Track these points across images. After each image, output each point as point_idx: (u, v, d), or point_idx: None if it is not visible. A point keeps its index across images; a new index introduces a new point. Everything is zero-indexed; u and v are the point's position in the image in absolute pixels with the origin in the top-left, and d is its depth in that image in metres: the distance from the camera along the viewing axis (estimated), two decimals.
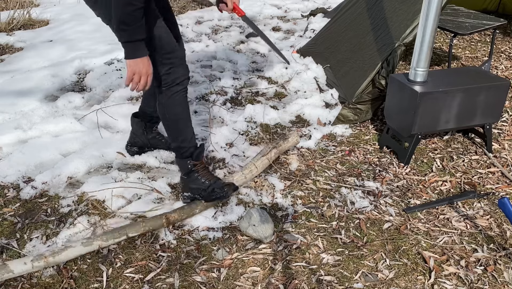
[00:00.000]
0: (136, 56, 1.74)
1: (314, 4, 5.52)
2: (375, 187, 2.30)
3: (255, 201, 2.21)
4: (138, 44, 1.73)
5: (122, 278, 1.79)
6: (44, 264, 1.76)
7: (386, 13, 3.00)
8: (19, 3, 5.38)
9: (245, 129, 2.81)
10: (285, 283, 1.76)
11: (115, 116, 2.87)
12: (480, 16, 3.38)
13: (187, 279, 1.78)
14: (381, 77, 2.75)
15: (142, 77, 1.77)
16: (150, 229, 1.96)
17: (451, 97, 2.33)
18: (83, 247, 1.83)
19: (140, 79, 1.78)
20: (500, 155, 2.54)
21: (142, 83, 1.79)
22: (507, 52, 3.94)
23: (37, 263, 1.75)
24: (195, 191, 2.10)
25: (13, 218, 2.10)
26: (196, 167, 2.10)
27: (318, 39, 3.55)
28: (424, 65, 2.30)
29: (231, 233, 2.01)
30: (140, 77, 1.77)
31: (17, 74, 3.54)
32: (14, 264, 1.74)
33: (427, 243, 1.95)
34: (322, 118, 2.89)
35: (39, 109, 2.99)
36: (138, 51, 1.74)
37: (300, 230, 2.03)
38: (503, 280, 1.76)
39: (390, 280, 1.77)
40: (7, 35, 4.53)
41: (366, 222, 2.07)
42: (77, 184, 2.31)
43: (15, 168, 2.39)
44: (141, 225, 1.94)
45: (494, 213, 2.11)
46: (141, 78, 1.77)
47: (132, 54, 1.74)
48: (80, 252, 1.84)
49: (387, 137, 2.60)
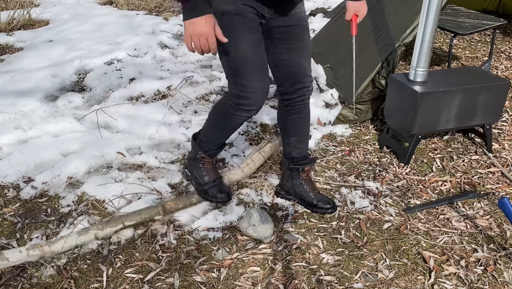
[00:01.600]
0: (191, 16, 1.52)
1: (314, 4, 5.52)
2: (375, 187, 2.30)
3: (255, 201, 2.21)
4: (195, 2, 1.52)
5: (122, 278, 1.79)
6: (40, 252, 1.76)
7: (386, 13, 3.00)
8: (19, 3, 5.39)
9: (245, 129, 2.81)
10: (285, 283, 1.76)
11: (115, 116, 2.88)
12: (480, 16, 3.38)
13: (187, 279, 1.78)
14: (381, 77, 2.75)
15: (200, 39, 1.54)
16: (146, 218, 1.97)
17: (451, 97, 2.33)
18: (78, 236, 1.84)
19: (200, 42, 1.55)
20: (500, 155, 2.54)
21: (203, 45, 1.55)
22: (507, 52, 3.94)
23: (33, 251, 1.75)
24: (193, 178, 2.09)
25: (13, 218, 2.10)
26: (204, 160, 2.09)
27: (318, 39, 3.55)
28: (424, 65, 2.30)
29: (231, 233, 2.01)
30: (199, 40, 1.54)
31: (17, 74, 3.54)
32: (10, 252, 1.76)
33: (427, 243, 1.95)
34: (322, 118, 2.89)
35: (39, 109, 2.99)
36: (194, 11, 1.52)
37: (300, 230, 2.03)
38: (503, 280, 1.76)
39: (390, 280, 1.77)
40: (7, 35, 4.53)
41: (366, 222, 2.07)
42: (77, 184, 2.32)
43: (15, 168, 2.39)
44: (137, 214, 1.95)
45: (494, 213, 2.11)
46: (199, 40, 1.54)
47: (187, 15, 1.53)
48: (76, 242, 1.84)
49: (387, 137, 2.60)
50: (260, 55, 1.75)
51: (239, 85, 1.75)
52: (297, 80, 1.90)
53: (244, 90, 1.75)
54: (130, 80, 3.43)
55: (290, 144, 2.08)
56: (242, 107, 1.79)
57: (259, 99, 1.78)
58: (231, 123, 1.90)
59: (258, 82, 1.75)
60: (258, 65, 1.74)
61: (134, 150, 2.60)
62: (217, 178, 2.09)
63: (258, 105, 1.81)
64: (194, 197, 2.08)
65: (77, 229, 1.83)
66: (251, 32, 1.70)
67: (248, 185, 2.30)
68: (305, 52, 1.87)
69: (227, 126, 1.93)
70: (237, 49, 1.69)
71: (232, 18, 1.66)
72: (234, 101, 1.79)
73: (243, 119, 1.86)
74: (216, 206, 2.16)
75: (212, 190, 2.06)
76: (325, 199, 2.13)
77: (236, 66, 1.73)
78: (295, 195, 2.16)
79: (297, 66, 1.86)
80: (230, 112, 1.84)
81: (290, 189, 2.17)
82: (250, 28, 1.70)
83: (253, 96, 1.76)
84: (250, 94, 1.75)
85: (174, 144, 2.67)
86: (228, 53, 1.70)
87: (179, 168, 2.44)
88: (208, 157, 2.08)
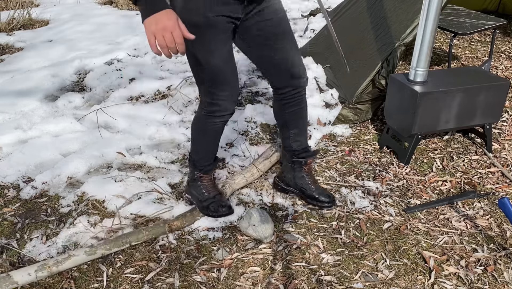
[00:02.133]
0: (150, 13, 1.41)
1: (314, 4, 5.52)
2: (375, 187, 2.30)
3: (255, 201, 2.21)
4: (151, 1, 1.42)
5: (122, 278, 1.79)
6: (48, 273, 1.76)
7: (386, 13, 3.00)
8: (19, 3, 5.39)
9: (245, 129, 2.81)
10: (285, 283, 1.76)
11: (115, 116, 2.88)
12: (480, 16, 3.38)
13: (187, 279, 1.78)
14: (381, 77, 2.75)
15: (165, 35, 1.41)
16: (153, 237, 1.97)
17: (451, 97, 2.33)
18: (86, 256, 1.83)
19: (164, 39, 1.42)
20: (500, 155, 2.54)
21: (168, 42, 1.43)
22: (507, 52, 3.94)
23: (41, 273, 1.75)
24: (194, 197, 2.11)
25: (13, 218, 2.10)
26: (201, 178, 2.10)
27: (318, 39, 3.55)
28: (424, 65, 2.30)
29: (231, 233, 2.01)
30: (163, 36, 1.42)
31: (17, 74, 3.54)
32: (18, 275, 1.73)
33: (427, 243, 1.95)
34: (322, 118, 2.89)
35: (39, 109, 2.99)
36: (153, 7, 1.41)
37: (300, 230, 2.03)
38: (503, 280, 1.76)
39: (390, 280, 1.77)
40: (7, 35, 4.53)
41: (366, 222, 2.07)
42: (77, 184, 2.32)
43: (15, 168, 2.40)
44: (144, 233, 1.94)
45: (494, 213, 2.11)
46: (163, 37, 1.42)
47: (146, 13, 1.42)
48: (83, 261, 1.84)
49: (387, 137, 2.60)
50: (230, 65, 1.77)
51: (210, 93, 1.79)
52: (286, 74, 1.89)
53: (216, 98, 1.80)
54: (130, 80, 3.43)
55: (289, 137, 2.09)
56: (215, 114, 1.84)
57: (230, 104, 1.83)
58: (210, 132, 1.94)
59: (229, 90, 1.79)
60: (228, 75, 1.77)
61: (134, 150, 2.60)
62: (217, 194, 2.09)
63: (230, 110, 1.86)
64: (200, 215, 2.08)
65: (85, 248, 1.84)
66: (223, 43, 1.70)
67: (248, 185, 2.30)
68: (288, 43, 1.83)
69: (208, 136, 1.96)
70: (208, 61, 1.69)
71: (203, 30, 1.63)
72: (207, 109, 1.84)
73: (219, 126, 1.91)
74: None
75: (213, 205, 2.06)
76: (325, 193, 2.15)
77: (207, 78, 1.75)
78: (296, 187, 2.17)
79: (283, 59, 1.84)
80: (205, 121, 1.88)
81: (291, 181, 2.18)
82: (222, 39, 1.69)
83: (224, 104, 1.81)
84: (221, 102, 1.81)
85: (174, 144, 2.67)
86: (200, 65, 1.71)
87: (179, 168, 2.44)
88: (204, 175, 2.09)
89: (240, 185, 2.24)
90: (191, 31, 1.50)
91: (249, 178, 2.28)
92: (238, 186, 2.24)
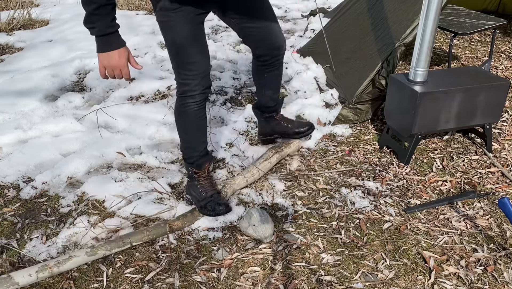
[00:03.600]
0: (104, 50, 1.66)
1: (314, 4, 5.52)
2: (375, 187, 2.30)
3: (255, 201, 2.21)
4: (107, 38, 1.65)
5: (122, 278, 1.79)
6: (49, 274, 1.76)
7: (386, 13, 3.00)
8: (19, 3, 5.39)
9: (245, 129, 2.81)
10: (285, 283, 1.76)
11: (115, 116, 2.88)
12: (480, 16, 3.38)
13: (187, 279, 1.78)
14: (381, 77, 2.75)
15: (114, 71, 1.69)
16: (154, 237, 1.97)
17: (451, 97, 2.33)
18: (87, 256, 1.83)
19: (113, 73, 1.70)
20: (500, 155, 2.54)
21: (116, 76, 1.71)
22: (507, 52, 3.94)
23: (42, 274, 1.75)
24: (193, 197, 2.13)
25: (13, 218, 2.10)
26: (197, 175, 2.11)
27: (318, 39, 3.55)
28: (424, 65, 2.30)
29: (231, 233, 2.01)
30: (112, 71, 1.69)
31: (17, 74, 3.54)
32: (19, 276, 1.73)
33: (427, 243, 1.95)
34: (322, 118, 2.89)
35: (39, 109, 2.99)
36: (107, 45, 1.66)
37: (300, 230, 2.03)
38: (503, 280, 1.76)
39: (390, 280, 1.77)
40: (7, 35, 4.53)
41: (366, 222, 2.07)
42: (77, 184, 2.32)
43: (15, 168, 2.40)
44: (145, 233, 1.95)
45: (494, 213, 2.11)
46: (113, 71, 1.69)
47: (101, 48, 1.67)
48: (84, 261, 1.84)
49: (387, 137, 2.60)
50: (197, 44, 1.85)
51: (180, 74, 1.89)
52: (268, 44, 2.08)
53: (185, 78, 1.88)
54: (130, 80, 3.43)
55: (266, 96, 2.34)
56: (187, 93, 1.91)
57: (198, 84, 1.89)
58: (189, 116, 1.99)
59: (195, 69, 1.87)
60: (194, 54, 1.84)
61: (134, 150, 2.60)
62: (214, 193, 2.11)
63: (199, 90, 1.91)
64: (200, 215, 2.08)
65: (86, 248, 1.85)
66: (187, 23, 1.80)
67: (248, 185, 2.30)
68: (267, 14, 2.02)
69: (189, 122, 2.02)
70: (174, 40, 1.81)
71: (169, 12, 1.76)
72: (180, 90, 1.93)
73: (194, 108, 1.96)
74: None
75: (210, 204, 2.06)
76: (302, 123, 2.48)
77: (175, 57, 1.85)
78: (278, 133, 2.50)
79: (264, 29, 2.02)
80: (181, 103, 1.96)
81: (271, 130, 2.49)
82: (187, 20, 1.79)
83: (193, 82, 1.89)
84: (190, 81, 1.88)
85: (174, 144, 2.67)
86: (169, 45, 1.84)
87: (179, 168, 2.44)
88: (199, 171, 2.11)
89: (241, 186, 2.24)
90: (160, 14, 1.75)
91: (250, 178, 2.28)
92: (239, 187, 2.24)
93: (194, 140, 2.07)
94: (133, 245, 1.93)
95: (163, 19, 1.79)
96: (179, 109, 1.99)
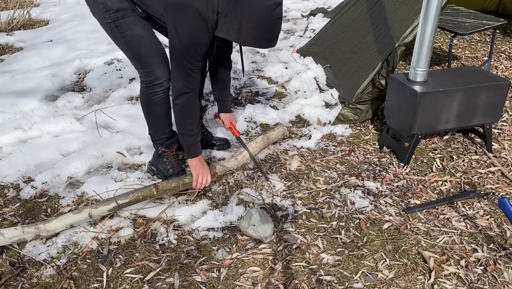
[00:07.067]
0: (195, 155, 2.06)
1: (314, 4, 5.52)
2: (375, 187, 2.30)
3: (255, 201, 2.21)
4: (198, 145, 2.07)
5: (122, 278, 1.79)
6: (35, 230, 1.82)
7: (386, 13, 3.00)
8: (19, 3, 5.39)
9: (245, 129, 2.81)
10: (285, 283, 1.76)
11: (115, 116, 2.87)
12: (480, 16, 3.38)
13: (187, 279, 1.78)
14: (381, 77, 2.75)
15: (204, 177, 2.10)
16: (140, 197, 2.04)
17: (451, 97, 2.33)
18: (73, 214, 1.91)
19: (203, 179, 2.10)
20: (500, 155, 2.54)
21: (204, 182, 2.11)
22: (507, 52, 3.94)
23: (28, 228, 1.81)
24: (159, 171, 2.29)
25: (13, 218, 2.10)
26: (166, 153, 2.26)
27: (318, 39, 3.55)
28: (424, 65, 2.30)
29: (231, 233, 2.01)
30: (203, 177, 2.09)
31: (17, 74, 3.54)
32: (6, 230, 1.83)
33: (427, 243, 1.95)
34: (322, 118, 2.89)
35: (39, 109, 2.99)
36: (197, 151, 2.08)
37: (300, 230, 2.03)
38: (503, 280, 1.76)
39: (390, 280, 1.77)
40: (7, 35, 4.53)
41: (366, 222, 2.07)
42: (77, 184, 2.32)
43: (15, 168, 2.39)
44: (129, 193, 2.02)
45: (494, 213, 2.11)
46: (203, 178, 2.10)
47: (192, 154, 2.06)
48: (70, 221, 1.91)
49: (387, 137, 2.60)
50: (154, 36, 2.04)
51: (143, 65, 2.03)
52: None
53: (148, 67, 2.02)
54: (130, 80, 3.43)
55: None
56: (153, 82, 2.05)
57: (163, 71, 2.03)
58: (156, 103, 2.11)
59: (157, 58, 2.02)
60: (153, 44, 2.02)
61: (134, 150, 2.60)
62: (180, 170, 2.29)
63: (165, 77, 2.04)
64: (187, 177, 2.15)
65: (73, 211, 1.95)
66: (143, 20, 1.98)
67: (248, 185, 2.30)
68: None
69: (156, 109, 2.14)
70: (134, 35, 1.96)
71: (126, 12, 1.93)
72: (145, 80, 2.06)
73: (161, 95, 2.09)
74: (216, 205, 2.16)
75: None
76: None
77: (136, 50, 2.00)
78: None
79: None
80: (147, 93, 2.09)
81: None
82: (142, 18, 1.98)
83: (157, 71, 2.03)
84: (154, 70, 2.02)
85: None
86: (128, 41, 1.98)
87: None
88: (168, 150, 2.25)
89: (231, 164, 2.31)
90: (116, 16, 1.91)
91: (238, 155, 2.36)
92: (230, 165, 2.30)
93: (162, 124, 2.20)
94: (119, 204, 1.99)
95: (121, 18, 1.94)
96: (147, 98, 2.11)
